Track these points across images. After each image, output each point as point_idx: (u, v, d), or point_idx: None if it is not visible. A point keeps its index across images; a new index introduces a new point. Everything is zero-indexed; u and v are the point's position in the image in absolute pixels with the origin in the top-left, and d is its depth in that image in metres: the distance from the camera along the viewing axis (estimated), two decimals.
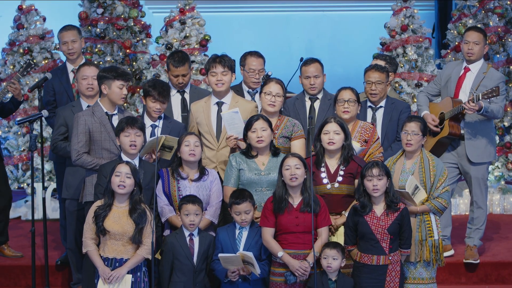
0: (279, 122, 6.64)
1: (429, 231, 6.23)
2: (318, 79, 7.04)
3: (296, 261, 5.98)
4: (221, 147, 6.70)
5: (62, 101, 7.37)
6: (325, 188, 6.27)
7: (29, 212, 8.81)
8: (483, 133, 7.23)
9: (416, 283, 6.21)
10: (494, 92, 6.85)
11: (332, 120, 6.29)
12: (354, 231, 6.06)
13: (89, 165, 6.37)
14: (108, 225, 5.85)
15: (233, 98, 6.80)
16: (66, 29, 7.55)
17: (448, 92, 7.32)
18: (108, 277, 5.84)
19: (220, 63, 6.72)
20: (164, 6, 10.88)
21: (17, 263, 7.39)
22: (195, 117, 6.78)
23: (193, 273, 6.05)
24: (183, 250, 6.04)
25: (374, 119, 7.01)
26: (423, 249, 6.20)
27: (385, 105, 7.03)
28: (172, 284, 6.04)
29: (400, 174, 6.29)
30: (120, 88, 6.44)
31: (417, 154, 6.33)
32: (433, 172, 6.25)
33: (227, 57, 6.80)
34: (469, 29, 7.41)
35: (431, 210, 6.23)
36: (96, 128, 6.41)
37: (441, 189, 6.25)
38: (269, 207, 6.07)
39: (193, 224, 6.06)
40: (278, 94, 6.58)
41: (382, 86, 6.98)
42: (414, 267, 6.22)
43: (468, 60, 7.28)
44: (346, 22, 12.19)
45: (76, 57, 7.52)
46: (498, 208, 9.15)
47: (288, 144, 6.62)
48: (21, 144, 9.42)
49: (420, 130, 6.28)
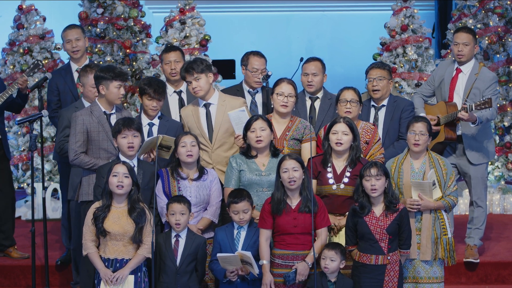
0: (291, 124, 6.61)
1: (443, 229, 6.24)
2: (316, 77, 7.04)
3: (270, 276, 5.96)
4: (215, 147, 6.68)
5: (67, 101, 7.36)
6: (330, 189, 6.26)
7: (29, 212, 8.81)
8: (481, 133, 7.23)
9: (431, 282, 6.22)
10: (487, 104, 6.81)
11: (341, 120, 6.27)
12: (354, 232, 6.06)
13: (87, 165, 6.37)
14: (108, 226, 5.84)
15: (220, 97, 6.75)
16: (70, 27, 7.55)
17: (442, 94, 7.31)
18: (111, 279, 5.83)
19: (187, 72, 6.63)
20: (164, 6, 10.89)
21: (17, 263, 7.39)
22: (186, 121, 6.76)
23: (175, 274, 6.01)
24: (167, 251, 6.02)
25: (376, 118, 7.01)
26: (438, 248, 6.20)
27: (387, 104, 7.03)
28: (158, 284, 6.01)
29: (410, 174, 6.29)
30: (117, 88, 6.42)
31: (424, 154, 6.33)
32: (445, 171, 6.27)
33: (195, 63, 6.63)
34: (458, 30, 7.35)
35: (445, 207, 6.24)
36: (94, 128, 6.40)
37: (452, 187, 6.28)
38: (267, 208, 6.06)
39: (179, 224, 6.03)
40: (291, 95, 6.55)
41: (384, 82, 6.98)
42: (429, 266, 6.23)
43: (459, 61, 7.27)
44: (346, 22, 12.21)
45: (80, 55, 7.51)
46: (498, 208, 9.15)
47: (298, 146, 6.58)
48: (21, 144, 9.42)
49: (427, 130, 6.29)
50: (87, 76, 6.86)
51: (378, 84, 6.98)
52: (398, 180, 6.28)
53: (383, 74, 6.99)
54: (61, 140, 6.77)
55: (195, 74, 6.60)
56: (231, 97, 6.83)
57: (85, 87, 6.91)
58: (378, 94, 7.00)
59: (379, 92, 7.00)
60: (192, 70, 6.60)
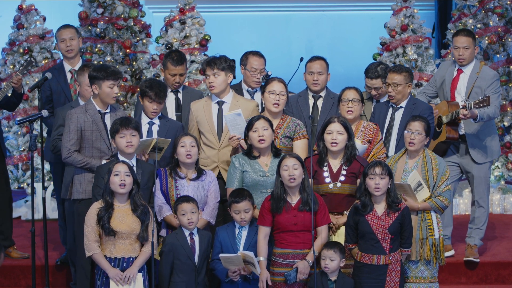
0: (282, 122, 6.63)
1: (430, 229, 6.23)
2: (322, 76, 7.06)
3: (266, 272, 5.98)
4: (222, 146, 6.69)
5: (60, 101, 7.37)
6: (327, 188, 6.27)
7: (29, 212, 8.81)
8: (484, 132, 7.22)
9: (418, 282, 6.22)
10: (485, 102, 6.80)
11: (336, 120, 6.28)
12: (354, 230, 6.06)
13: (79, 164, 6.37)
14: (115, 226, 5.85)
15: (234, 97, 6.79)
16: (65, 27, 7.55)
17: (444, 94, 7.31)
18: (122, 278, 5.83)
19: (209, 66, 6.69)
20: (164, 6, 10.88)
21: (17, 263, 7.38)
22: (195, 116, 6.77)
23: (194, 272, 6.04)
24: (185, 249, 6.03)
25: (392, 119, 6.95)
26: (423, 248, 6.20)
27: (406, 106, 6.93)
28: (173, 285, 6.03)
29: (402, 172, 6.29)
30: (110, 88, 6.41)
31: (420, 154, 6.33)
32: (436, 171, 6.25)
33: (218, 59, 6.75)
34: (457, 33, 7.27)
35: (432, 208, 6.23)
36: (88, 127, 6.40)
37: (443, 188, 6.25)
38: (267, 206, 6.07)
39: (192, 222, 6.06)
40: (282, 93, 6.57)
41: (399, 88, 6.90)
42: (415, 266, 6.22)
43: (460, 65, 7.25)
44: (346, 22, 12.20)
45: (74, 55, 7.51)
46: (498, 208, 9.15)
47: (290, 144, 6.61)
48: (21, 144, 9.42)
49: (424, 129, 6.27)
50: (83, 75, 6.86)
51: (393, 90, 6.88)
52: None
53: (399, 80, 6.84)
54: (55, 138, 6.78)
55: (215, 69, 6.66)
56: (245, 99, 6.88)
57: (81, 86, 6.91)
58: (393, 100, 6.91)
59: (394, 98, 6.90)
60: (214, 65, 6.66)
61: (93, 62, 9.15)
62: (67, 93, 7.41)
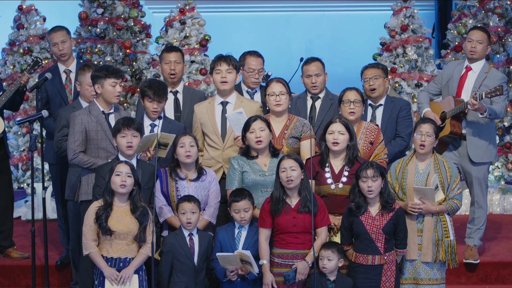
0: (289, 122, 6.61)
1: (445, 231, 6.22)
2: (320, 78, 7.05)
3: (270, 276, 5.98)
4: (226, 146, 6.68)
5: (56, 102, 7.37)
6: (329, 188, 6.26)
7: (29, 212, 8.81)
8: (484, 133, 7.23)
9: (431, 284, 6.21)
10: (498, 91, 6.83)
11: (337, 120, 6.28)
12: (349, 231, 6.06)
13: (86, 164, 6.36)
14: (112, 225, 5.85)
15: (237, 98, 6.79)
16: (55, 30, 7.51)
17: (449, 92, 7.31)
18: (117, 278, 5.83)
19: (225, 61, 6.71)
20: (164, 6, 10.89)
21: (17, 263, 7.39)
22: (199, 117, 6.77)
23: (194, 272, 6.04)
24: (183, 250, 6.04)
25: (374, 117, 7.01)
26: (439, 250, 6.20)
27: (385, 103, 7.03)
28: (172, 285, 6.03)
29: (414, 175, 6.28)
30: (113, 86, 6.41)
31: (429, 156, 6.32)
32: (449, 173, 6.26)
33: (232, 57, 6.80)
34: (473, 28, 7.40)
35: (448, 210, 6.23)
36: (93, 127, 6.40)
37: (456, 190, 6.26)
38: (266, 208, 6.07)
39: (190, 223, 6.06)
40: (282, 92, 6.56)
41: (379, 81, 6.98)
42: (430, 267, 6.22)
43: (470, 58, 7.27)
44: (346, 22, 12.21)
45: (67, 58, 7.51)
46: (498, 208, 9.15)
47: (297, 144, 6.58)
48: (21, 144, 9.43)
49: (433, 131, 6.28)
50: (84, 75, 6.86)
51: (374, 83, 6.98)
52: (402, 181, 6.27)
53: (378, 73, 7.00)
54: (59, 139, 6.76)
55: (230, 66, 6.68)
56: (249, 100, 6.89)
57: (82, 86, 6.91)
58: (376, 93, 7.00)
59: (376, 91, 6.99)
60: (230, 61, 6.70)
61: (93, 62, 9.15)
62: (62, 93, 7.41)
